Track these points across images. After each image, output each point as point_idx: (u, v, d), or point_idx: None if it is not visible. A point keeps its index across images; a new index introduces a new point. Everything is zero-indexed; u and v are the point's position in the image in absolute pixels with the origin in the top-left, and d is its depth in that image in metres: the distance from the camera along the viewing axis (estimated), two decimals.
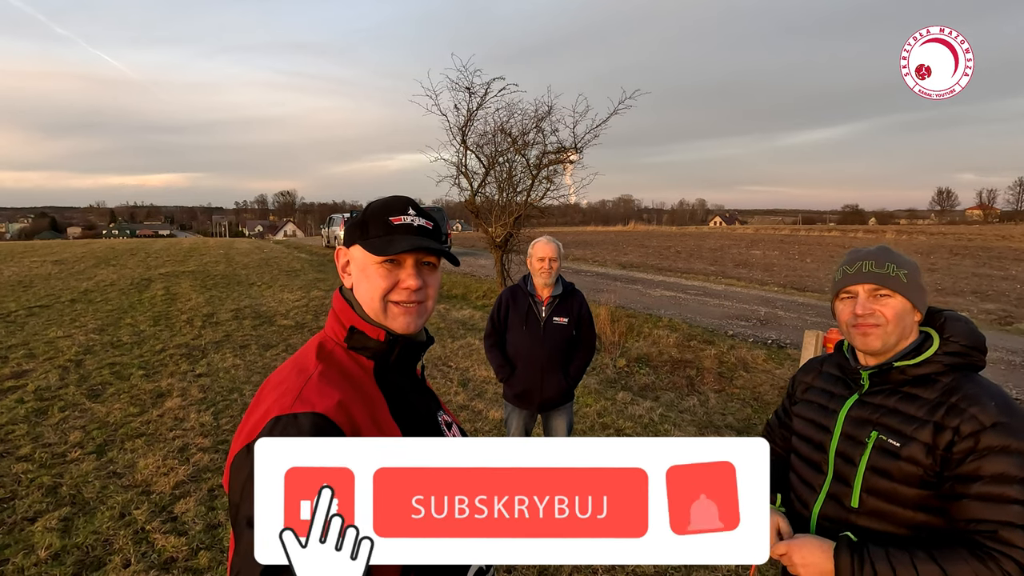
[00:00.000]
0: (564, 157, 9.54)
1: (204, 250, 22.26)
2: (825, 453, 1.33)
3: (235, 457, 0.91)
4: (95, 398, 5.28)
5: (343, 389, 0.96)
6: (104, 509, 3.36)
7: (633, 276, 15.32)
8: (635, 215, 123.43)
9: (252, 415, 0.95)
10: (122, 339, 7.53)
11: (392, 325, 1.04)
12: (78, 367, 6.26)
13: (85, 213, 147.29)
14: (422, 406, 1.11)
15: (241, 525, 0.84)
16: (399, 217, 1.04)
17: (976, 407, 1.14)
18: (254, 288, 12.18)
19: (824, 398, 1.39)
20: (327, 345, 1.06)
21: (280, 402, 0.92)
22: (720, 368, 6.50)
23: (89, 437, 4.38)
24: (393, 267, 1.03)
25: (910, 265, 1.28)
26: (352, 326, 1.04)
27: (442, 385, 5.78)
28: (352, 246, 1.07)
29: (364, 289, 1.04)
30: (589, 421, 4.85)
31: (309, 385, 0.95)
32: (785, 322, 9.13)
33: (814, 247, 24.82)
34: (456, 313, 9.57)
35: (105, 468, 3.90)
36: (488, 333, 3.22)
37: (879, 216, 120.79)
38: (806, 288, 13.18)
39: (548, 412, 3.17)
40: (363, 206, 1.13)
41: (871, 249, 1.32)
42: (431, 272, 1.08)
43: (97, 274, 14.21)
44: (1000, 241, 27.72)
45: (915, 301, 1.26)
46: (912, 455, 1.18)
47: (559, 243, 3.08)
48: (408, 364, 1.09)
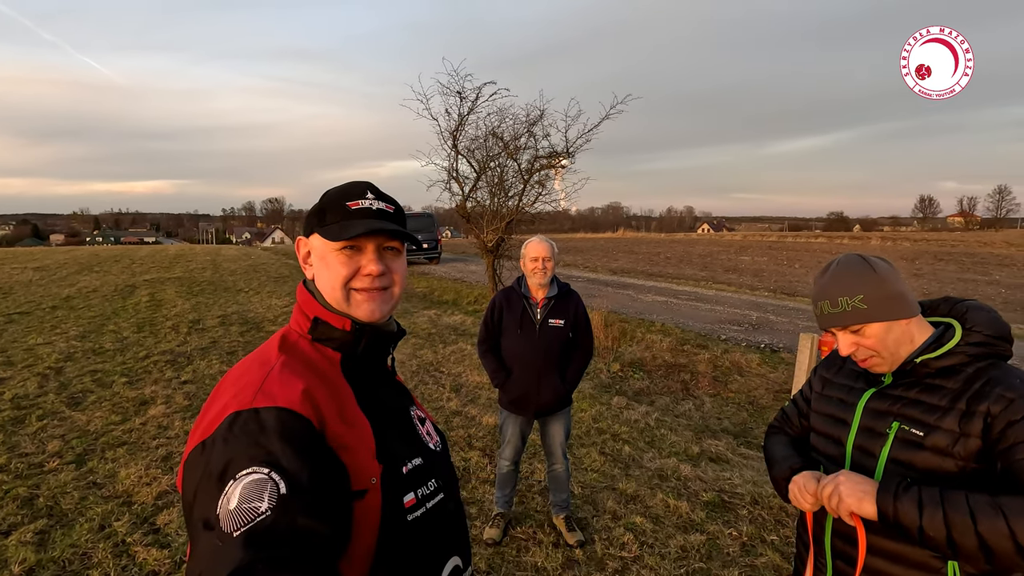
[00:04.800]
0: (556, 162, 9.51)
1: (191, 256, 21.95)
2: (843, 447, 1.29)
3: (190, 455, 0.83)
4: (75, 406, 5.12)
5: (307, 379, 0.90)
6: (83, 521, 3.22)
7: (624, 282, 15.32)
8: (624, 222, 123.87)
9: (209, 410, 0.87)
10: (104, 346, 7.34)
11: (356, 313, 0.98)
12: (58, 374, 6.08)
13: (68, 220, 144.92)
14: (393, 400, 1.05)
15: (197, 527, 0.76)
16: (357, 201, 0.99)
17: (1002, 387, 1.11)
18: (241, 294, 12.00)
19: (843, 392, 1.35)
20: (291, 337, 1.00)
21: (240, 397, 0.85)
22: (714, 372, 6.47)
23: (68, 446, 4.23)
24: (353, 253, 0.98)
25: (864, 282, 1.20)
26: (316, 317, 0.99)
27: (434, 391, 5.68)
28: (311, 235, 1.01)
29: (325, 278, 0.99)
30: (584, 426, 4.78)
31: (271, 378, 0.88)
32: (777, 326, 9.14)
33: (802, 253, 25.03)
34: (447, 319, 9.48)
35: (84, 478, 3.76)
36: (482, 338, 3.14)
37: (864, 223, 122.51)
38: (796, 293, 13.25)
39: (545, 418, 3.09)
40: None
41: (823, 281, 1.25)
42: (395, 257, 1.03)
43: (80, 280, 13.93)
44: (982, 247, 28.19)
45: (889, 316, 1.20)
46: (936, 444, 1.14)
47: (553, 243, 3.02)
48: (377, 356, 1.03)
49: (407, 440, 1.01)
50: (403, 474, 0.94)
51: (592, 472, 3.96)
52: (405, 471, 0.94)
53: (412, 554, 0.93)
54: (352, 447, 0.88)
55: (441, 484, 1.02)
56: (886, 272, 1.21)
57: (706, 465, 4.11)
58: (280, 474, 0.77)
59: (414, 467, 0.97)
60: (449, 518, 1.02)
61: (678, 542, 3.09)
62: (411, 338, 8.04)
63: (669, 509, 3.44)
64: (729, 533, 3.19)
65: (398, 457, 0.94)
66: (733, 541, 3.12)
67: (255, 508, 0.74)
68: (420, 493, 0.96)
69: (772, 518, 3.35)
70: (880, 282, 1.20)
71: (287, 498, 0.76)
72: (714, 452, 4.35)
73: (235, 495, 0.75)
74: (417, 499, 0.94)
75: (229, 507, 0.75)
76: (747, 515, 3.38)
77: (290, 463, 0.78)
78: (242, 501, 0.75)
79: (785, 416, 1.57)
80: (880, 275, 1.20)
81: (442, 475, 1.04)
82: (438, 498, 0.99)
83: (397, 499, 0.91)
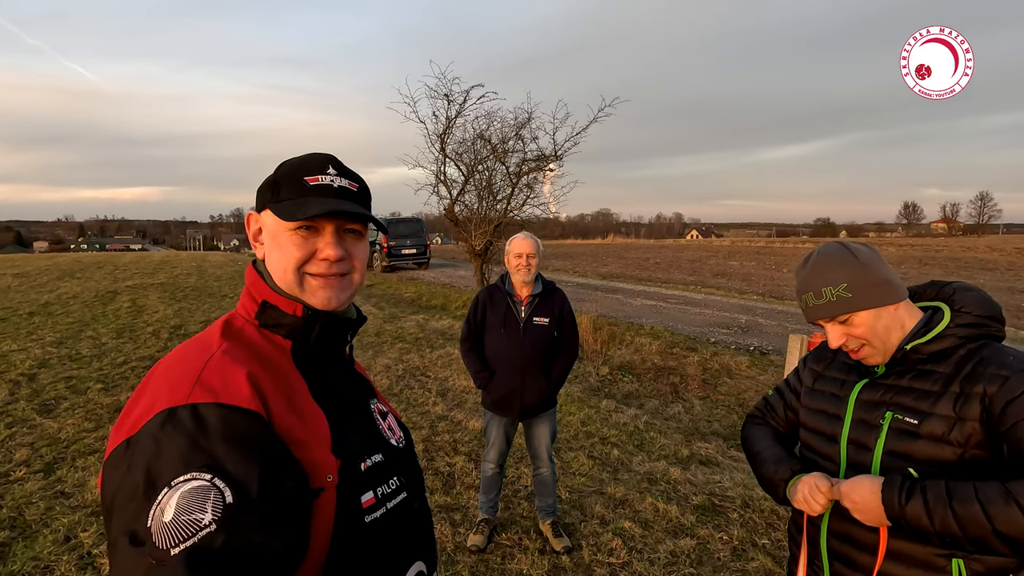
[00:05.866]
0: (544, 165, 9.47)
1: (176, 263, 21.63)
2: (837, 444, 1.21)
3: (112, 453, 0.72)
4: (47, 413, 4.94)
5: (252, 366, 0.80)
6: (47, 532, 3.07)
7: (614, 286, 15.29)
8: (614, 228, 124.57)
9: (136, 403, 0.77)
10: (81, 352, 7.15)
11: (310, 300, 0.89)
12: (31, 381, 5.89)
13: (53, 227, 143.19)
14: (352, 391, 0.95)
15: (120, 540, 0.65)
16: (316, 177, 0.89)
17: (995, 365, 1.05)
18: (226, 300, 11.80)
19: (835, 387, 1.28)
20: (235, 323, 0.89)
21: (174, 390, 0.74)
22: (704, 375, 6.41)
23: (37, 455, 4.07)
24: (310, 234, 0.88)
25: (846, 271, 1.15)
26: (264, 300, 0.88)
27: (420, 395, 5.57)
28: (263, 211, 0.91)
29: (276, 259, 0.89)
30: (573, 430, 4.69)
31: (210, 367, 0.77)
32: (766, 329, 9.13)
33: (789, 258, 25.20)
34: (435, 323, 9.37)
35: (52, 487, 3.60)
36: (464, 336, 3.05)
37: (850, 229, 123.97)
38: (784, 296, 13.28)
39: (530, 419, 3.00)
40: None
41: (805, 272, 1.20)
42: (356, 241, 0.93)
43: (60, 287, 13.63)
44: (965, 252, 28.55)
45: (876, 302, 1.14)
46: (932, 431, 1.07)
47: (537, 239, 2.94)
48: (334, 344, 0.94)
49: (366, 435, 0.91)
50: (361, 471, 0.85)
51: (580, 476, 3.87)
52: (364, 468, 0.85)
53: (370, 559, 0.83)
54: (306, 442, 0.78)
55: (404, 482, 0.93)
56: (869, 258, 1.16)
57: (696, 468, 4.03)
58: (225, 481, 0.67)
59: (374, 464, 0.88)
60: (413, 520, 0.93)
61: (668, 547, 3.01)
62: (398, 343, 7.93)
63: (659, 513, 3.36)
64: (720, 537, 3.11)
65: (356, 453, 0.85)
66: (724, 545, 3.04)
67: (196, 521, 0.64)
68: (380, 492, 0.87)
69: (763, 521, 3.27)
70: (863, 269, 1.14)
71: (234, 508, 0.66)
72: (704, 455, 4.28)
73: (171, 505, 0.65)
74: (377, 499, 0.85)
75: (163, 519, 0.64)
76: (738, 519, 3.31)
77: (236, 468, 0.69)
78: (180, 512, 0.64)
79: (769, 406, 1.49)
80: (862, 261, 1.15)
81: (405, 473, 0.95)
82: (400, 497, 0.90)
83: (354, 499, 0.82)
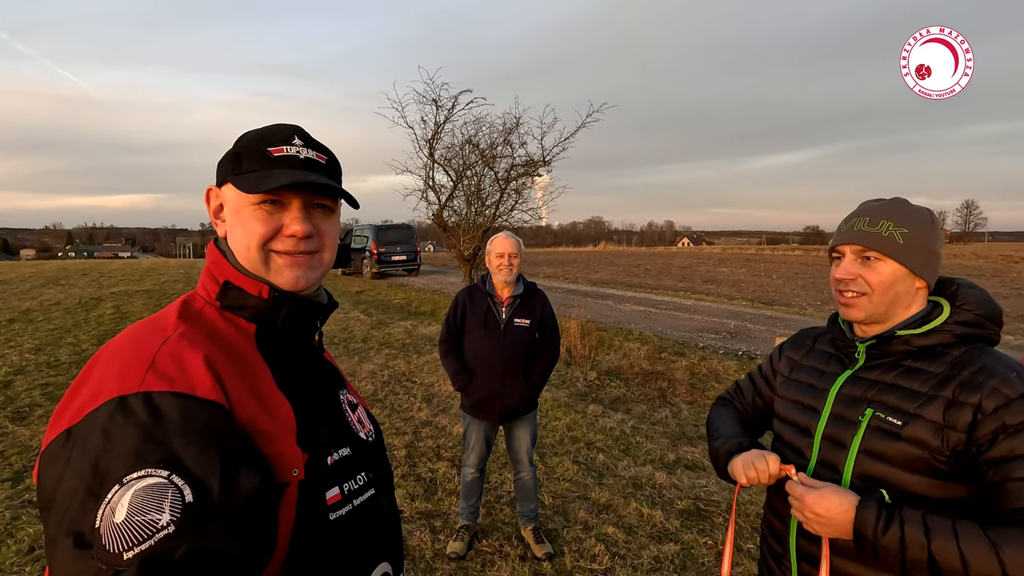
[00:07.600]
0: (532, 170, 9.47)
1: (163, 270, 21.40)
2: (811, 438, 1.16)
3: (50, 445, 0.66)
4: (20, 420, 4.82)
5: (210, 350, 0.73)
6: (11, 543, 2.97)
7: (604, 292, 15.27)
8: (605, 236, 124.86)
9: (80, 390, 0.70)
10: (60, 359, 7.01)
11: (276, 280, 0.82)
12: (6, 388, 5.76)
13: (40, 235, 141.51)
14: (320, 380, 0.89)
15: (62, 541, 0.60)
16: (281, 148, 0.83)
17: (996, 379, 0.97)
18: None
19: (813, 377, 1.22)
20: (195, 304, 0.83)
21: (124, 376, 0.67)
22: (692, 380, 6.38)
23: (6, 463, 3.95)
24: (275, 209, 0.82)
25: (916, 221, 1.09)
26: (227, 281, 0.82)
27: (405, 401, 5.50)
28: (224, 185, 0.85)
29: (239, 236, 0.82)
30: (558, 435, 4.63)
31: (164, 351, 0.70)
32: (755, 334, 9.12)
33: (779, 264, 25.34)
34: (424, 329, 9.29)
35: (20, 496, 3.49)
36: (443, 338, 2.99)
37: None
38: (774, 302, 13.33)
39: (510, 422, 2.95)
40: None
41: (881, 202, 1.14)
42: (325, 217, 0.87)
43: (43, 294, 13.42)
44: (952, 259, 28.85)
45: (913, 265, 1.08)
46: (916, 435, 1.01)
47: (519, 239, 2.90)
48: (301, 330, 0.87)
49: (334, 427, 0.86)
50: (327, 465, 0.79)
51: (564, 481, 3.80)
52: (330, 462, 0.80)
53: (332, 560, 0.77)
54: (270, 433, 0.73)
55: (372, 478, 0.88)
56: (937, 230, 1.12)
57: (682, 473, 3.98)
58: (184, 478, 0.62)
59: (341, 458, 0.82)
60: (380, 518, 0.88)
61: (651, 552, 2.95)
62: (384, 348, 7.84)
63: (643, 518, 3.30)
64: (704, 542, 3.06)
65: (322, 445, 0.80)
66: (708, 550, 2.99)
67: (152, 522, 0.59)
68: (347, 488, 0.81)
69: (748, 526, 3.23)
70: (929, 231, 1.10)
71: (194, 509, 0.61)
72: (690, 459, 4.23)
73: (123, 504, 0.59)
74: (343, 495, 0.80)
75: (114, 519, 0.59)
76: (723, 523, 3.26)
77: (196, 463, 0.63)
78: (134, 512, 0.59)
79: (739, 390, 1.45)
80: (933, 227, 1.11)
81: (374, 468, 0.90)
82: (368, 494, 0.85)
83: (318, 495, 0.76)
